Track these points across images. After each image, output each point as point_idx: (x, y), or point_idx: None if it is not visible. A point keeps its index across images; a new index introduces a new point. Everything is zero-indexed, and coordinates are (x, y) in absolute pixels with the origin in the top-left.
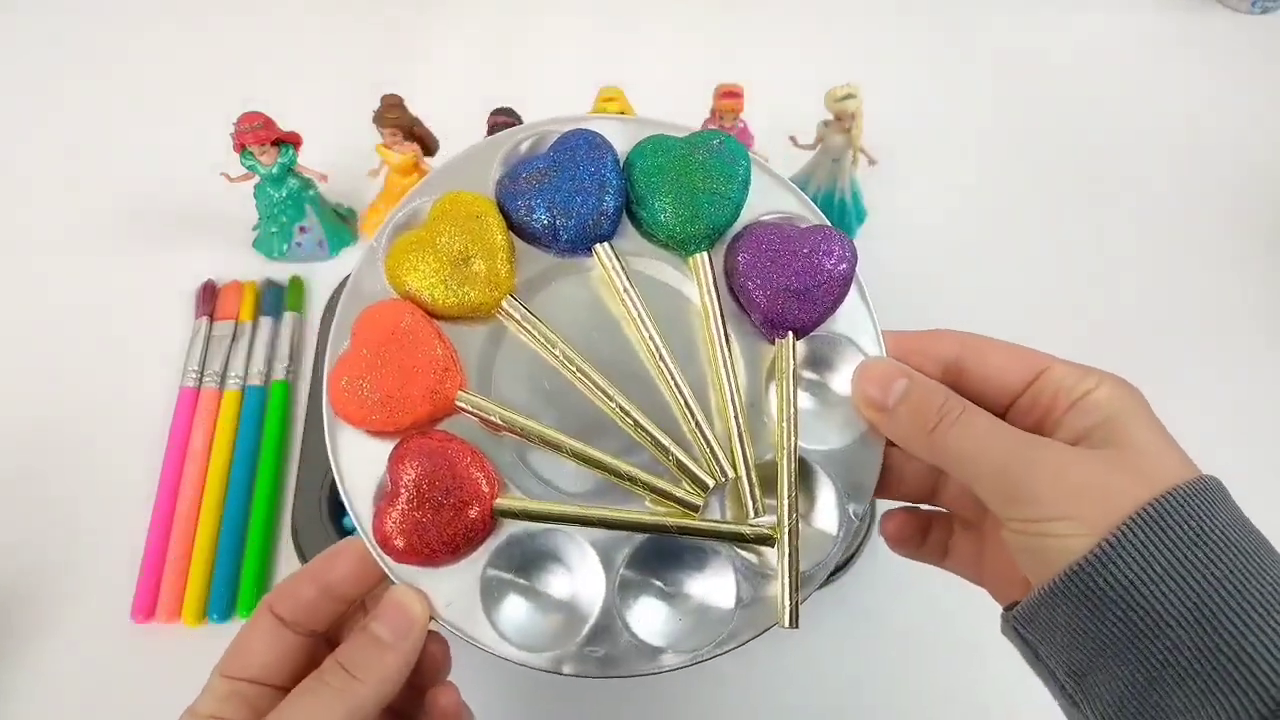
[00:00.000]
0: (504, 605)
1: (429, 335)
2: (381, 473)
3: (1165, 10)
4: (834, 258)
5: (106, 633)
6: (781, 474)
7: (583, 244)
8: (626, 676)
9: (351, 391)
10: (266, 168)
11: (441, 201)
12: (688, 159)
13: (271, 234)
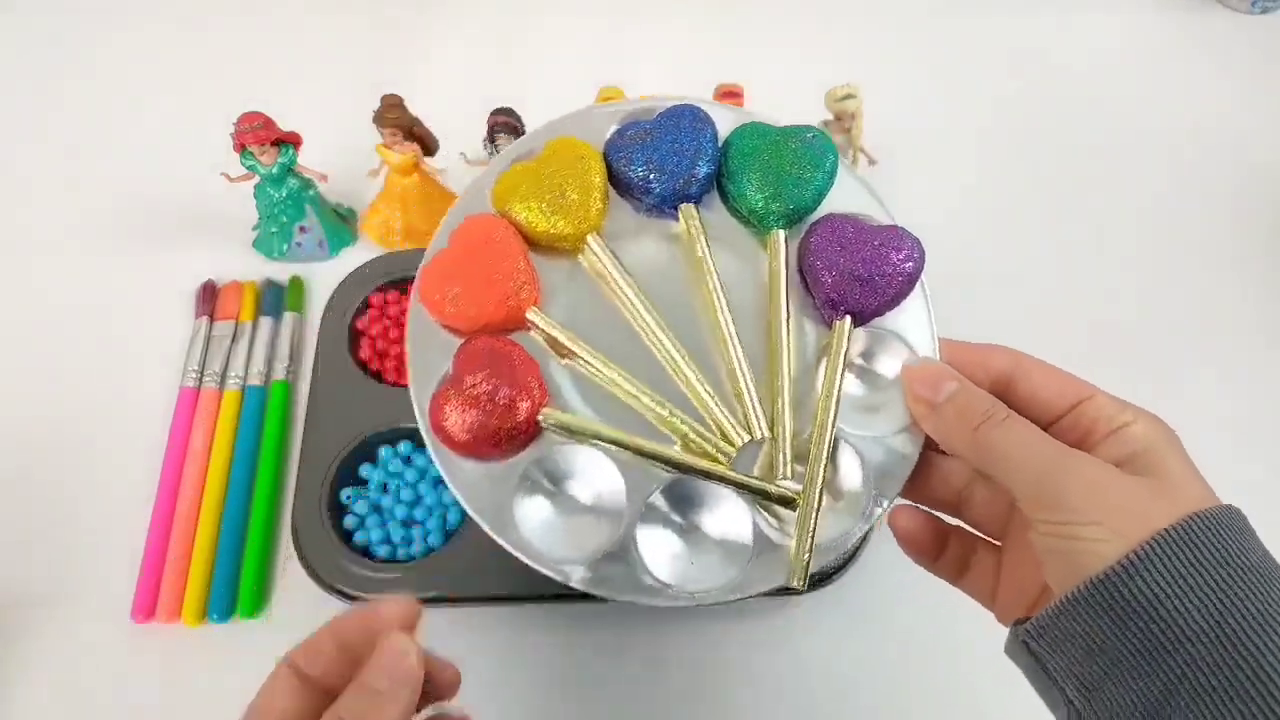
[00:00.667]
0: (531, 510)
1: (516, 251)
2: (447, 367)
3: (1165, 10)
4: (903, 254)
5: (107, 633)
6: (816, 442)
7: (670, 202)
8: (628, 602)
9: (437, 283)
10: (266, 168)
11: (554, 142)
12: (781, 145)
13: (271, 234)
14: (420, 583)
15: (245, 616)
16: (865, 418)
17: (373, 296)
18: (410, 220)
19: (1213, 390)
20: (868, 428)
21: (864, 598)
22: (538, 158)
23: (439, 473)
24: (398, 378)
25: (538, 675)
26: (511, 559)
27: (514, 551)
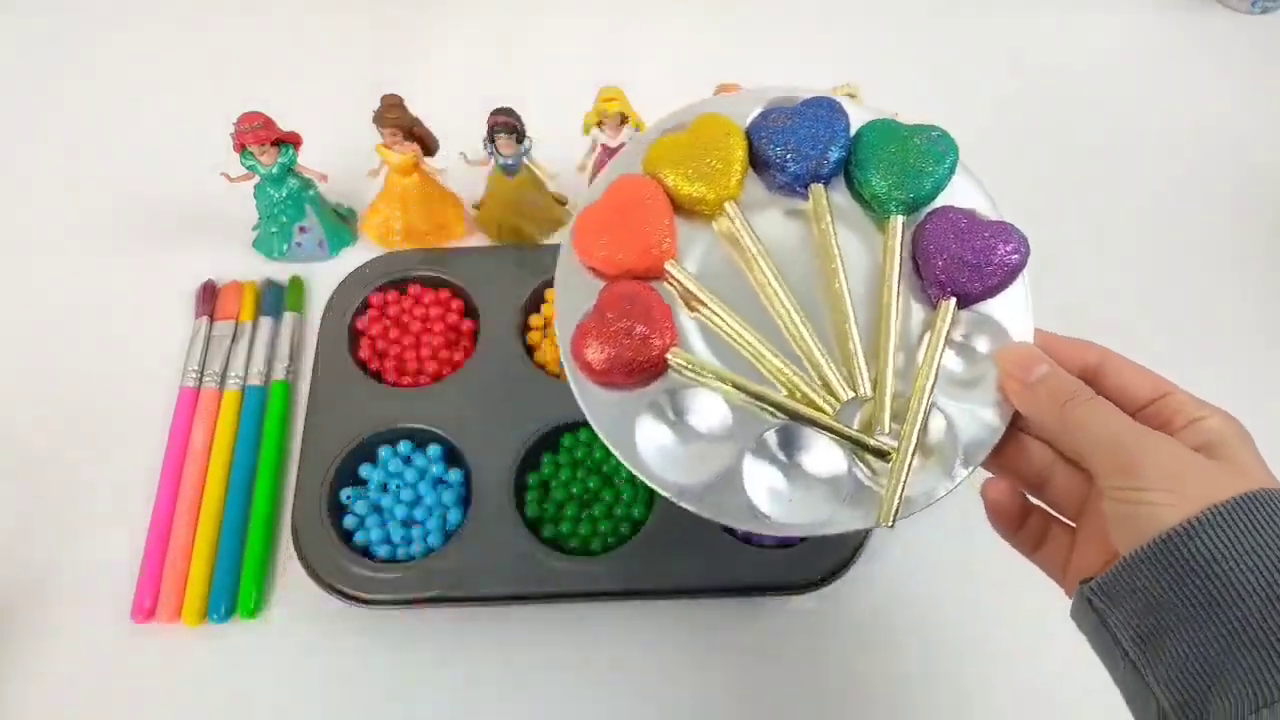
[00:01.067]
0: (651, 435)
1: (663, 209)
2: (589, 305)
3: (1165, 10)
4: (1010, 247)
5: (107, 633)
6: (914, 405)
7: (802, 181)
8: (728, 525)
9: (591, 230)
10: (266, 168)
11: (704, 117)
12: (908, 141)
13: (271, 234)
14: (420, 583)
15: (245, 617)
16: (960, 390)
17: (373, 296)
18: (410, 220)
19: (1212, 390)
20: (961, 399)
21: (864, 598)
22: (687, 130)
23: (440, 471)
24: (397, 378)
25: (537, 674)
26: (512, 558)
27: (632, 468)
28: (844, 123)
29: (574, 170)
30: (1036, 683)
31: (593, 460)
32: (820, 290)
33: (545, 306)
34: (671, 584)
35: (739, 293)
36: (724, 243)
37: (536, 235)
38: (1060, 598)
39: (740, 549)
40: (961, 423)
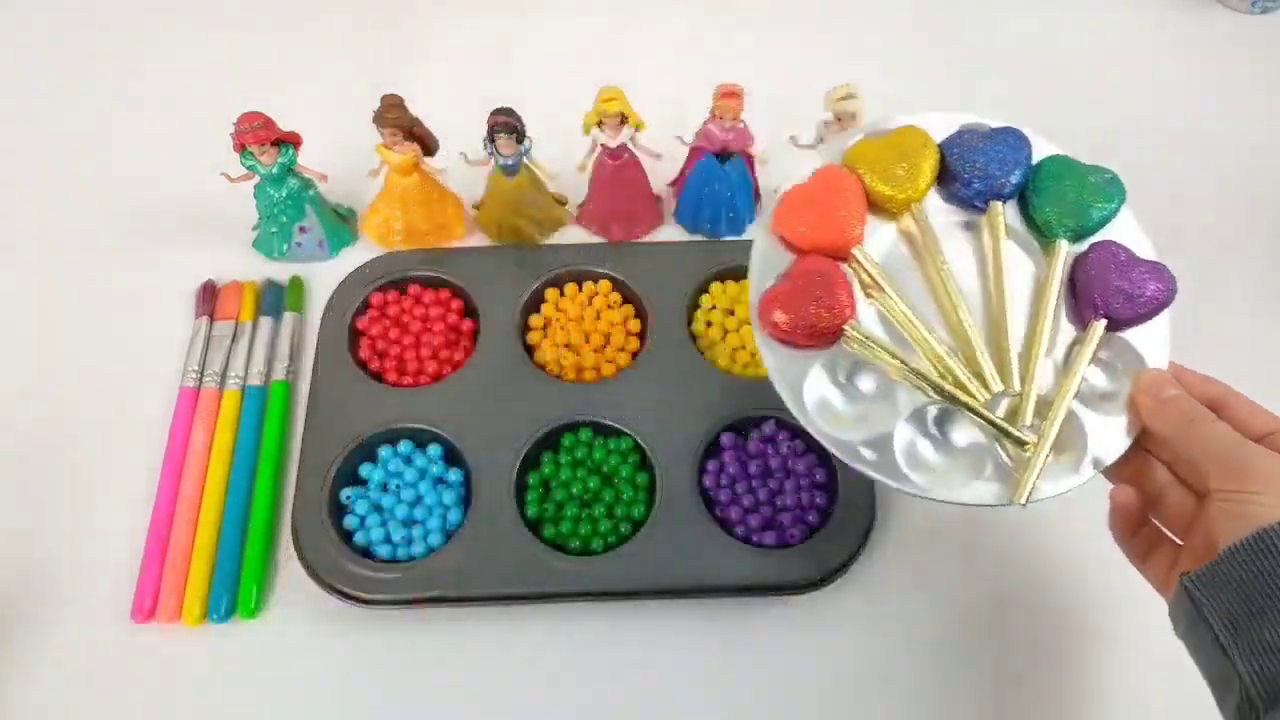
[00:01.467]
0: (819, 392)
1: (858, 198)
2: (779, 274)
3: (1165, 10)
4: (1161, 286)
5: (107, 633)
6: (1057, 405)
7: (983, 197)
8: (875, 478)
9: (794, 208)
10: (266, 168)
11: (904, 128)
12: (1083, 178)
13: (271, 234)
14: (421, 583)
15: (245, 617)
16: (1097, 401)
17: (373, 296)
18: (410, 220)
19: None
20: (1096, 409)
21: (863, 598)
22: (888, 136)
23: (440, 471)
24: (398, 378)
25: (537, 674)
26: (513, 558)
27: (798, 416)
28: (1028, 152)
29: (574, 170)
30: (1035, 682)
31: (593, 460)
32: (979, 294)
33: (545, 306)
34: (671, 584)
35: (908, 285)
36: (903, 240)
37: (536, 235)
38: (1057, 598)
39: (740, 549)
40: (1093, 429)
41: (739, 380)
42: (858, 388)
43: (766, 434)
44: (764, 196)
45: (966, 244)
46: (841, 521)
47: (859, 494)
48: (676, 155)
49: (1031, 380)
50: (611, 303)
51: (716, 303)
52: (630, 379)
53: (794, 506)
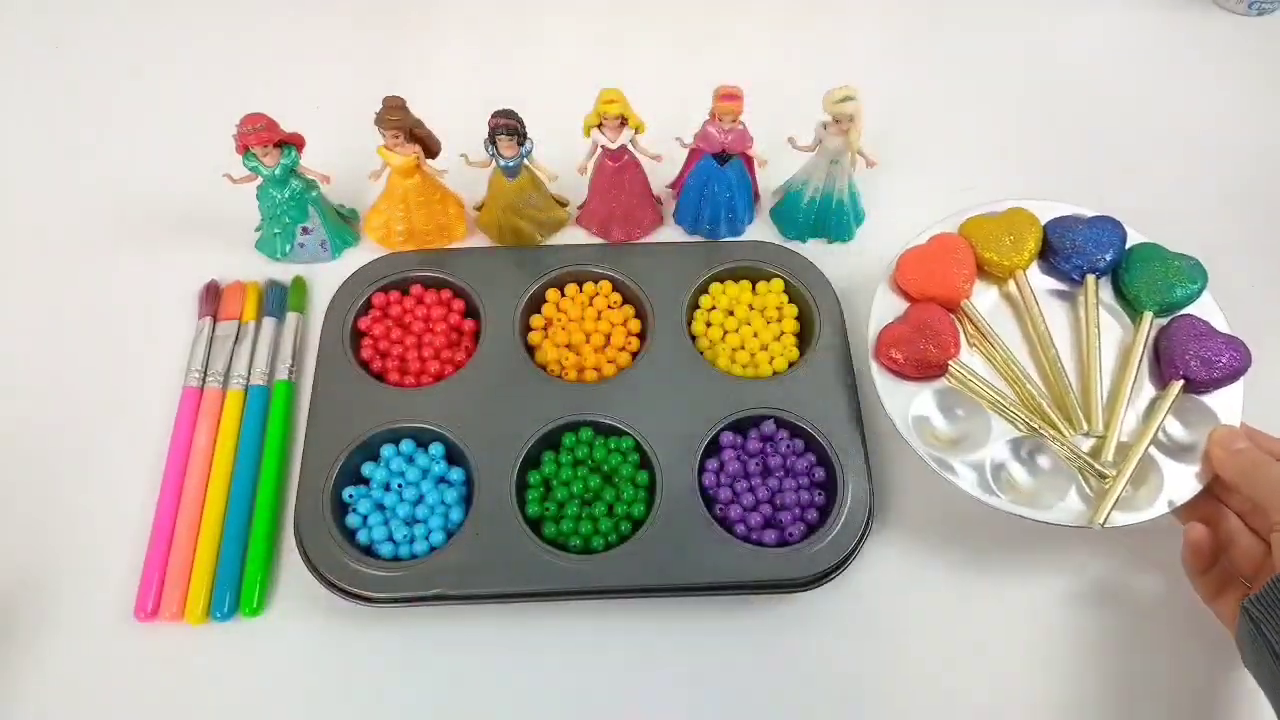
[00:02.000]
0: (924, 415)
1: (970, 262)
2: (897, 315)
3: (1162, 11)
4: (1237, 357)
5: (110, 631)
6: (1136, 446)
7: (1080, 271)
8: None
9: (915, 263)
10: (269, 169)
11: (1013, 209)
12: (1169, 261)
13: (274, 235)
14: (423, 581)
15: (248, 615)
16: (1175, 451)
17: (375, 297)
18: (412, 222)
19: None
20: (1174, 458)
21: (862, 597)
22: (999, 215)
23: (442, 471)
24: (399, 377)
25: (538, 672)
26: (514, 557)
27: (901, 431)
28: (1122, 235)
29: (574, 172)
30: (1033, 681)
31: (593, 459)
32: (1070, 352)
33: (546, 307)
34: (672, 582)
35: (1008, 338)
36: (1005, 301)
37: (537, 236)
38: (1053, 599)
39: (740, 547)
40: (1169, 473)
41: (739, 380)
42: (957, 415)
43: (766, 433)
44: (763, 197)
45: (1061, 310)
46: (841, 520)
47: (858, 492)
48: (676, 157)
49: (1115, 425)
50: (612, 303)
51: (716, 303)
52: (631, 379)
53: (793, 505)
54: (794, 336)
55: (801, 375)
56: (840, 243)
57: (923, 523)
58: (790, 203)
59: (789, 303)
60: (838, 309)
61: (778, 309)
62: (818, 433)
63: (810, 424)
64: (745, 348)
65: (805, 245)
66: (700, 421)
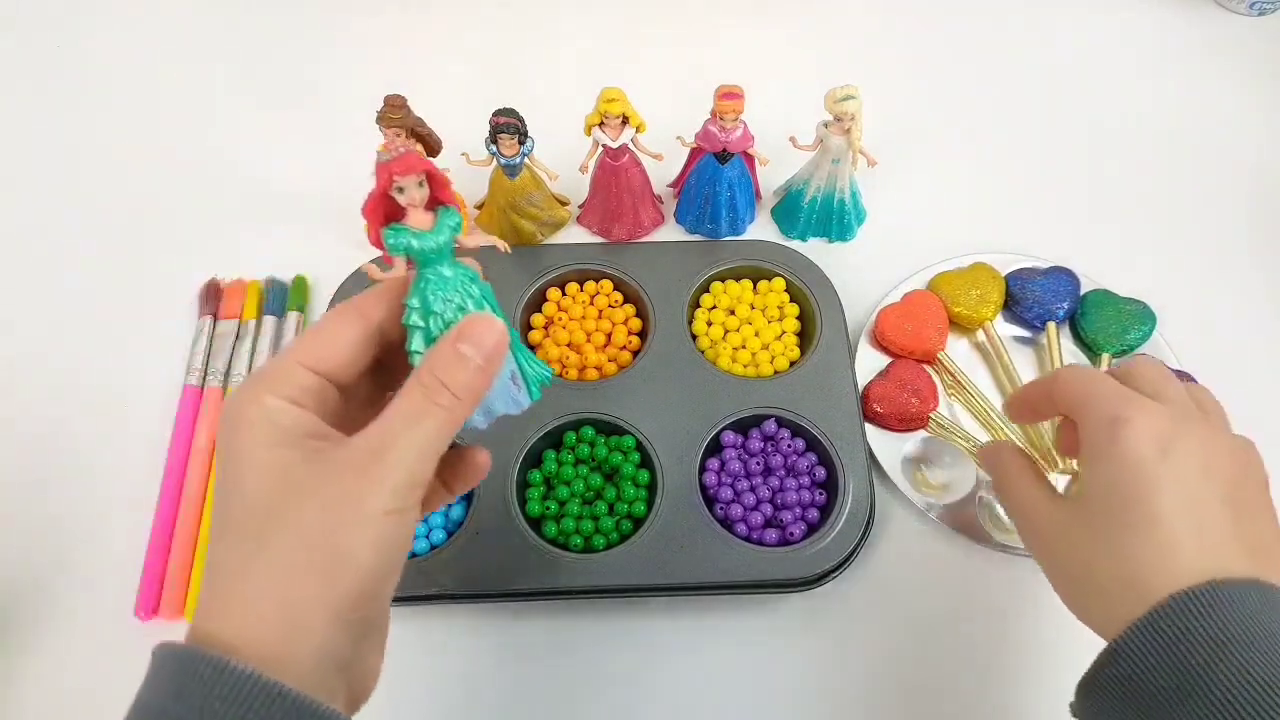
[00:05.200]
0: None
1: (941, 313)
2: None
3: (1162, 10)
4: None
5: (110, 630)
6: None
7: (1041, 319)
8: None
9: (890, 321)
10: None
11: (978, 264)
12: (1120, 307)
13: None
14: (423, 580)
15: None
16: None
17: None
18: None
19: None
20: None
21: (864, 595)
22: (965, 271)
23: None
24: None
25: (538, 671)
26: (514, 556)
27: (898, 482)
28: (1076, 285)
29: (576, 171)
30: (1033, 680)
31: (595, 458)
32: None
33: (547, 306)
34: (673, 581)
35: (981, 385)
36: (976, 351)
37: (538, 235)
38: (1055, 599)
39: (741, 547)
40: None
41: (740, 379)
42: (944, 462)
43: (767, 432)
44: (764, 196)
45: (1029, 356)
46: (842, 519)
47: (859, 492)
48: (677, 156)
49: None
50: (613, 302)
51: (717, 302)
52: (632, 378)
53: (795, 504)
54: (795, 336)
55: (803, 375)
56: (842, 242)
57: (923, 522)
58: (791, 202)
59: (790, 302)
60: (839, 308)
61: (779, 308)
62: (819, 432)
63: (812, 423)
64: (746, 347)
65: (806, 244)
66: (701, 420)
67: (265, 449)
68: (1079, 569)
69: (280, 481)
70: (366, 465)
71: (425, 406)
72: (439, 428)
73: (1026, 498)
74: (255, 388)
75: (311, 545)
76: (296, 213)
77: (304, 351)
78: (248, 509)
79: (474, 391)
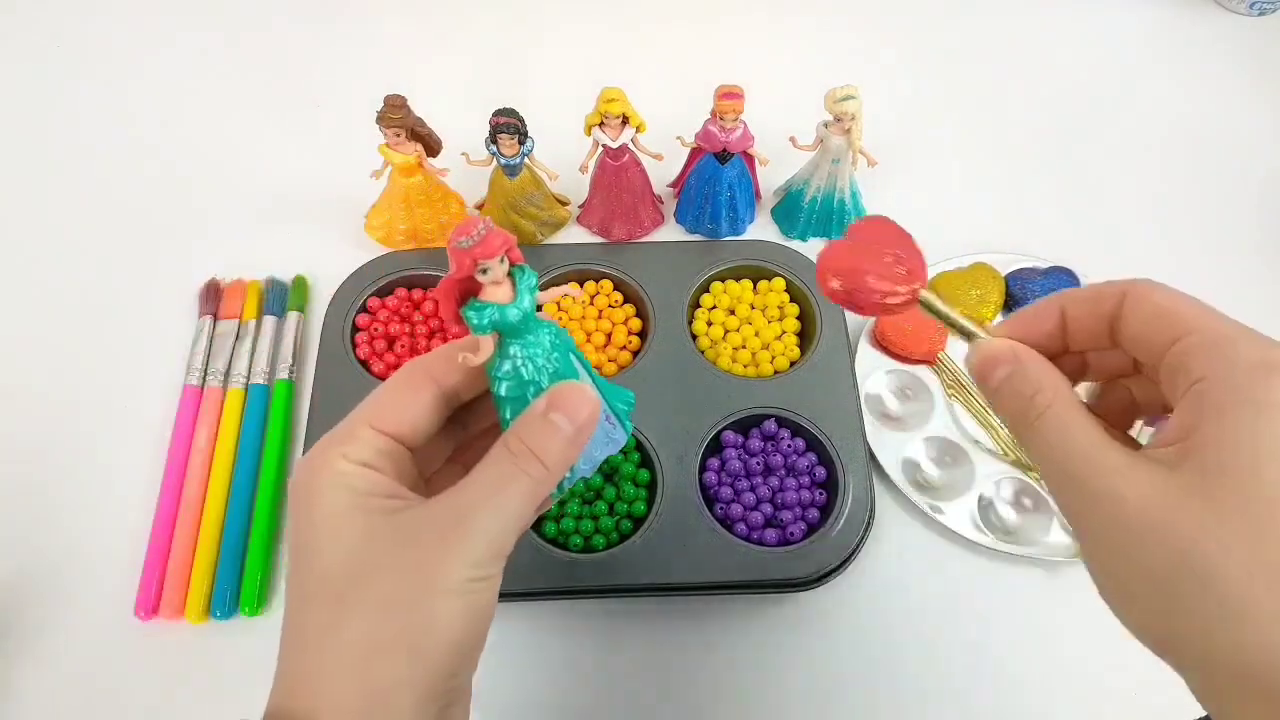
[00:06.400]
0: (919, 466)
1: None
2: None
3: (1163, 10)
4: None
5: (110, 630)
6: None
7: None
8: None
9: (891, 324)
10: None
11: (978, 264)
12: None
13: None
14: None
15: (249, 614)
16: None
17: (375, 296)
18: (414, 220)
19: None
20: None
21: (864, 594)
22: (965, 270)
23: None
24: None
25: (537, 670)
26: (514, 555)
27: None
28: (1077, 285)
29: (576, 171)
30: (1032, 680)
31: None
32: None
33: (547, 305)
34: (673, 581)
35: None
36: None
37: (538, 235)
38: (1056, 597)
39: (741, 546)
40: None
41: (740, 379)
42: (947, 464)
43: (767, 432)
44: (764, 196)
45: None
46: (842, 519)
47: (859, 492)
48: (677, 156)
49: None
50: (613, 302)
51: (717, 302)
52: (632, 378)
53: (794, 504)
54: (795, 336)
55: (803, 374)
56: None
57: (924, 523)
58: (791, 202)
59: (790, 302)
60: (839, 308)
61: (779, 308)
62: (819, 432)
63: (812, 423)
64: (746, 347)
65: (807, 244)
66: (701, 420)
67: (341, 514)
68: (1171, 564)
69: (359, 548)
70: (448, 533)
71: (512, 474)
72: (525, 496)
73: (1084, 444)
74: (326, 451)
75: (394, 618)
76: (296, 213)
77: (375, 414)
78: (326, 577)
79: (564, 462)
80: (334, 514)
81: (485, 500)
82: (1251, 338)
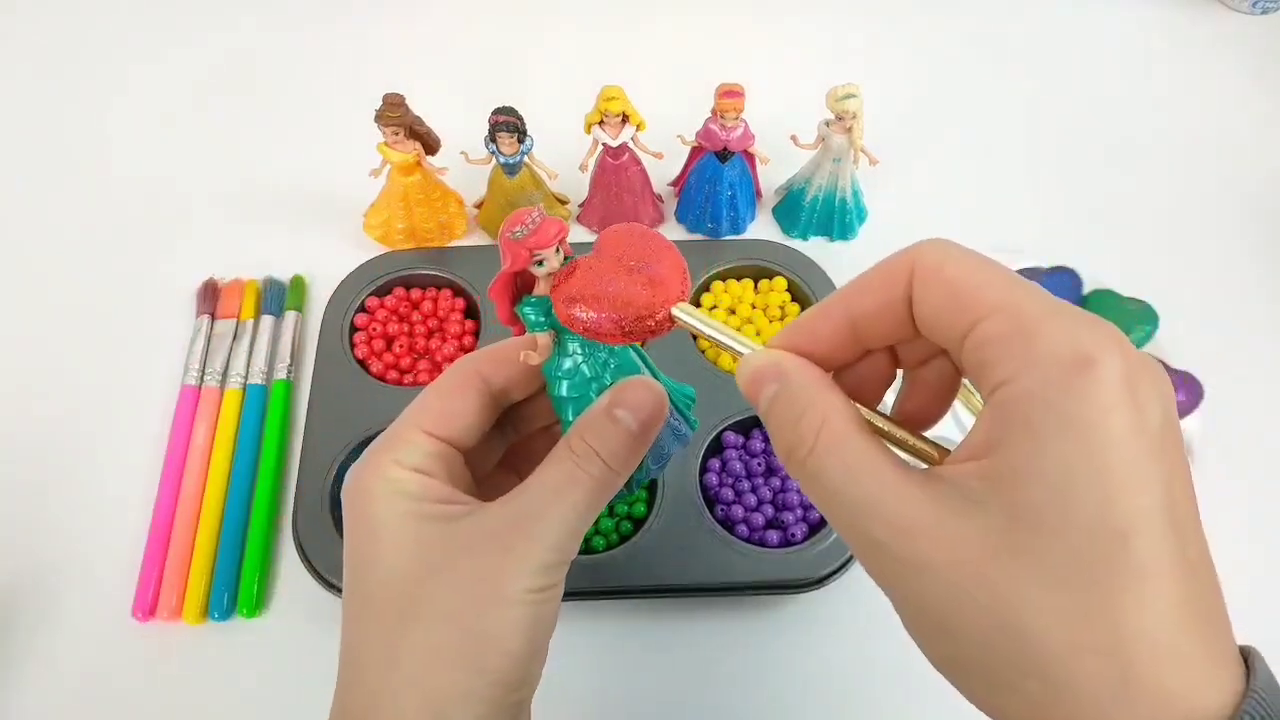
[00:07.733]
0: None
1: None
2: None
3: (1164, 9)
4: (1188, 396)
5: (107, 631)
6: None
7: None
8: None
9: None
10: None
11: None
12: (1123, 306)
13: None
14: None
15: (246, 615)
16: None
17: (374, 295)
18: (413, 219)
19: (1217, 398)
20: None
21: (866, 595)
22: None
23: None
24: (399, 377)
25: None
26: None
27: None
28: (1078, 284)
29: (575, 169)
30: None
31: None
32: None
33: None
34: (674, 583)
35: None
36: None
37: None
38: None
39: (743, 548)
40: None
41: None
42: None
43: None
44: (765, 195)
45: None
46: None
47: None
48: (677, 155)
49: None
50: None
51: (718, 302)
52: None
53: (796, 505)
54: None
55: None
56: (843, 241)
57: None
58: (792, 201)
59: (791, 301)
60: None
61: (780, 308)
62: None
63: None
64: None
65: (808, 243)
66: (702, 421)
67: (397, 521)
68: (989, 637)
69: (417, 556)
70: (509, 540)
71: (575, 475)
72: (589, 498)
73: (871, 490)
74: (379, 457)
75: (455, 629)
76: (294, 212)
77: (425, 418)
78: (385, 586)
79: (629, 460)
80: (389, 522)
81: (548, 505)
82: (1060, 319)
